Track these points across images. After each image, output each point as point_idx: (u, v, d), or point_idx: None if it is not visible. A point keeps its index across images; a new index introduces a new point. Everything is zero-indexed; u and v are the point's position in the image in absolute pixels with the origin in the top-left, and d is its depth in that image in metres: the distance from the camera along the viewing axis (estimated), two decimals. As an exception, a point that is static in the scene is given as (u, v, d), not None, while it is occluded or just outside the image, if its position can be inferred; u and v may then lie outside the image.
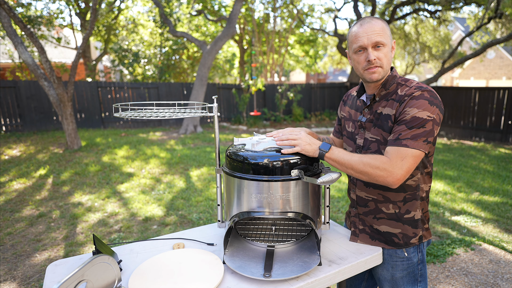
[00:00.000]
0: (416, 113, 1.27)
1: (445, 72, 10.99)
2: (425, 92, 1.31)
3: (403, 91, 1.36)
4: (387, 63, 1.38)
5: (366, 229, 1.53)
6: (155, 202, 4.64)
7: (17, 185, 5.37)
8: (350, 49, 1.42)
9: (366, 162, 1.28)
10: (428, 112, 1.27)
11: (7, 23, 6.75)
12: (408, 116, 1.28)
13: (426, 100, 1.29)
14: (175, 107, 1.57)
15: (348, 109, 1.64)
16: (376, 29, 1.34)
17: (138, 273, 1.30)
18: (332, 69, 37.13)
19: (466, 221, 4.03)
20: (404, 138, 1.27)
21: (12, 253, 3.36)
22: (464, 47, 24.38)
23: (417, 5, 13.41)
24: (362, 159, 1.30)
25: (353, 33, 1.39)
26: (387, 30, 1.37)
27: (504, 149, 8.31)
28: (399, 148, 1.27)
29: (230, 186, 1.42)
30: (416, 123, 1.27)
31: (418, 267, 1.48)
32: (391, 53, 1.40)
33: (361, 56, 1.39)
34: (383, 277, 1.53)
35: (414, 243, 1.46)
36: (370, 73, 1.38)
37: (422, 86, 1.34)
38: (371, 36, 1.33)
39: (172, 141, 8.94)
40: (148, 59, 14.45)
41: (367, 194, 1.49)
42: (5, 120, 9.94)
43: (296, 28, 17.75)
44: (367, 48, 1.35)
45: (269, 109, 13.47)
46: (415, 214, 1.44)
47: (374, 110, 1.45)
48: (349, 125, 1.60)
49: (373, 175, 1.28)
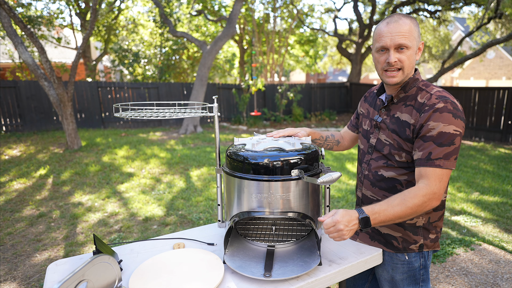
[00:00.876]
0: (442, 128, 1.23)
1: (445, 72, 11.00)
2: (448, 104, 1.25)
3: (423, 99, 1.31)
4: (408, 66, 1.32)
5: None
6: (155, 202, 4.64)
7: (17, 185, 5.37)
8: (373, 47, 1.38)
9: (412, 205, 1.21)
10: (454, 126, 1.23)
11: (7, 23, 6.75)
12: (435, 132, 1.24)
13: (450, 113, 1.24)
14: (175, 107, 1.57)
15: (367, 106, 1.60)
16: (403, 30, 1.27)
17: (138, 273, 1.30)
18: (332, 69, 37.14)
19: (466, 221, 4.03)
20: (437, 158, 1.23)
21: (12, 253, 3.36)
22: (464, 47, 24.38)
23: (417, 5, 13.42)
24: (406, 204, 1.21)
25: (377, 31, 1.33)
26: (415, 31, 1.30)
27: (504, 149, 8.31)
28: (435, 169, 1.23)
29: (230, 186, 1.42)
30: (444, 139, 1.23)
31: (420, 272, 1.45)
32: (415, 56, 1.33)
33: (382, 56, 1.34)
34: (383, 278, 1.52)
35: (414, 250, 1.42)
36: (389, 76, 1.34)
37: (444, 96, 1.29)
38: (395, 37, 1.28)
39: (172, 141, 8.94)
40: (148, 59, 14.45)
41: (372, 193, 1.48)
42: (5, 120, 9.94)
43: (296, 28, 17.75)
44: (389, 49, 1.30)
45: (269, 109, 13.47)
46: (417, 221, 1.40)
47: (391, 113, 1.41)
48: (365, 122, 1.57)
49: (423, 210, 1.24)
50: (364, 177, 1.51)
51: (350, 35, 16.40)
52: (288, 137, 1.56)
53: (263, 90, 13.08)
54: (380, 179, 1.44)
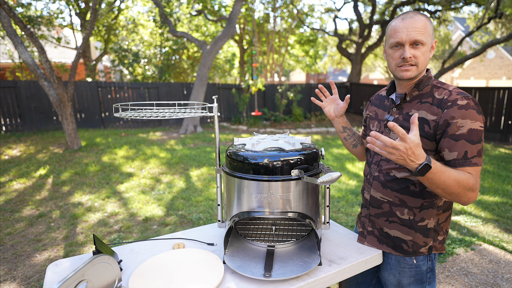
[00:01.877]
0: (470, 125, 1.22)
1: (445, 72, 10.99)
2: (470, 100, 1.25)
3: (442, 95, 1.30)
4: (423, 63, 1.32)
5: (375, 232, 1.49)
6: (155, 202, 4.64)
7: (17, 185, 5.37)
8: (387, 43, 1.36)
9: (463, 183, 1.18)
10: (479, 123, 1.24)
11: (7, 23, 6.75)
12: (465, 130, 1.22)
13: (474, 110, 1.24)
14: (175, 107, 1.57)
15: (374, 108, 1.58)
16: (418, 26, 1.27)
17: (138, 273, 1.30)
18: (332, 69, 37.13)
19: (466, 221, 4.03)
20: (473, 157, 1.23)
21: (12, 253, 3.36)
22: (464, 47, 24.38)
23: (417, 5, 13.41)
24: (460, 178, 1.18)
25: (392, 27, 1.32)
26: (430, 29, 1.30)
27: (504, 149, 8.31)
28: (474, 168, 1.23)
29: (230, 186, 1.42)
30: (474, 136, 1.23)
31: (427, 276, 1.43)
32: (429, 53, 1.33)
33: (396, 52, 1.32)
34: (390, 282, 1.49)
35: (423, 253, 1.41)
36: (403, 70, 1.32)
37: (463, 93, 1.29)
38: (411, 32, 1.27)
39: (172, 141, 8.94)
40: (148, 59, 14.45)
41: (383, 195, 1.44)
42: (5, 120, 9.94)
43: (296, 28, 17.75)
44: (404, 45, 1.29)
45: (269, 109, 13.47)
46: (429, 222, 1.38)
47: (404, 111, 1.38)
48: (374, 124, 1.54)
49: (461, 196, 1.20)
50: (374, 179, 1.47)
51: (350, 35, 16.40)
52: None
53: (263, 90, 13.08)
54: (391, 179, 1.41)
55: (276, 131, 10.98)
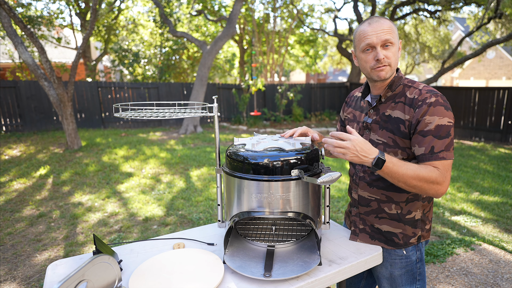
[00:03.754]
0: (438, 121, 1.28)
1: (445, 72, 11.00)
2: (439, 98, 1.31)
3: (413, 94, 1.35)
4: (395, 62, 1.37)
5: (367, 229, 1.53)
6: (155, 202, 4.64)
7: (17, 185, 5.37)
8: (357, 48, 1.40)
9: (423, 176, 1.24)
10: (447, 118, 1.28)
11: (7, 23, 6.75)
12: (432, 126, 1.28)
13: (442, 106, 1.29)
14: (175, 107, 1.57)
15: (351, 110, 1.62)
16: (385, 27, 1.33)
17: (138, 273, 1.30)
18: (332, 69, 37.13)
19: (466, 221, 4.03)
20: (440, 151, 1.28)
21: (12, 253, 3.36)
22: (464, 47, 24.38)
23: (417, 5, 13.41)
24: (419, 172, 1.24)
25: (361, 32, 1.36)
26: (395, 30, 1.36)
27: (504, 149, 8.31)
28: (442, 162, 1.27)
29: (230, 186, 1.42)
30: (442, 132, 1.28)
31: (417, 266, 1.49)
32: (398, 53, 1.38)
33: (369, 55, 1.36)
34: (382, 275, 1.53)
35: (413, 243, 1.47)
36: (379, 71, 1.36)
37: (432, 90, 1.33)
38: (380, 34, 1.32)
39: (172, 141, 8.94)
40: (148, 59, 14.45)
41: (370, 194, 1.49)
42: (5, 120, 9.94)
43: (296, 28, 17.75)
44: (375, 47, 1.33)
45: (269, 109, 13.47)
46: (416, 214, 1.45)
47: (380, 112, 1.43)
48: (353, 126, 1.58)
49: (425, 189, 1.26)
50: (360, 179, 1.52)
51: (350, 35, 16.39)
52: (302, 136, 1.56)
53: (263, 90, 13.08)
54: (376, 178, 1.45)
55: (276, 131, 10.98)
